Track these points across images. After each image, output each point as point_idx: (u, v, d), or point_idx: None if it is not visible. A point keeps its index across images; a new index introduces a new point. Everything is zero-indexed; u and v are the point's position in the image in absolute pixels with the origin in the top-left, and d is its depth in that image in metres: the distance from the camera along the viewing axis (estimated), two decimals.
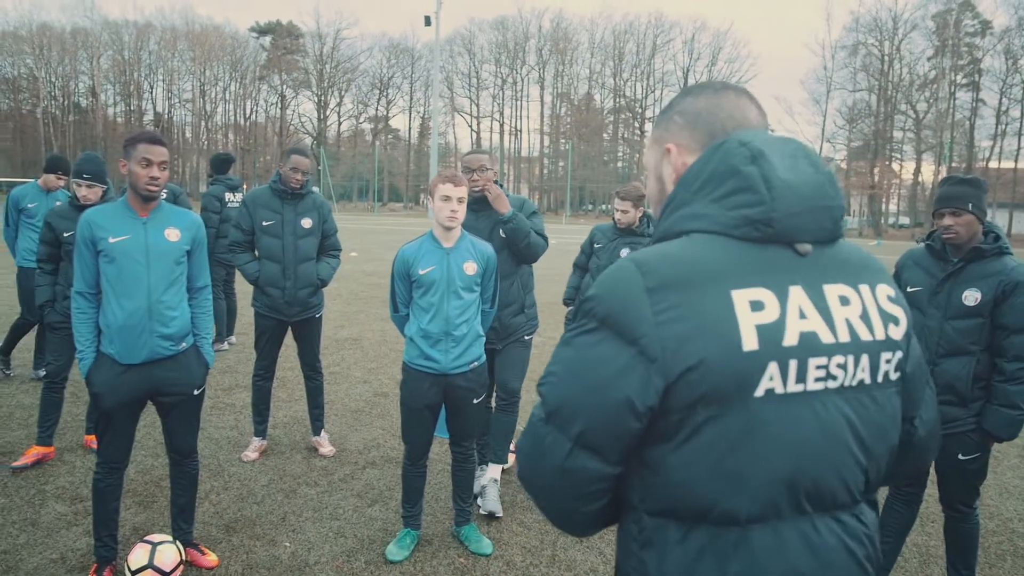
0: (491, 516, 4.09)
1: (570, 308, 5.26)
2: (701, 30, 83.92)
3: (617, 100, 69.69)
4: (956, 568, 3.27)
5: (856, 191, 57.92)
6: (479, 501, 4.20)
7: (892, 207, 61.04)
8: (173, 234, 3.20)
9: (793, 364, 1.09)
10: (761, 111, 1.30)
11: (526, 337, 4.33)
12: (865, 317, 1.17)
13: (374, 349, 8.16)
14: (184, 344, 3.26)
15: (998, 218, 45.71)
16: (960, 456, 3.07)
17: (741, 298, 1.09)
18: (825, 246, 1.18)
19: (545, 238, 4.22)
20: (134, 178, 3.07)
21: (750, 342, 1.07)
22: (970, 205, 2.95)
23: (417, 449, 3.67)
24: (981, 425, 3.01)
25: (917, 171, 56.88)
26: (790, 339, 1.09)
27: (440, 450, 4.86)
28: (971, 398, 3.01)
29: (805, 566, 1.11)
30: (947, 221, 3.00)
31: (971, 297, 2.98)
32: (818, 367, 1.11)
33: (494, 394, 4.37)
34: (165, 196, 7.07)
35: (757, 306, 1.09)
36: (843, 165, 57.75)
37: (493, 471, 4.28)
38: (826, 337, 1.12)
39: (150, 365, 3.16)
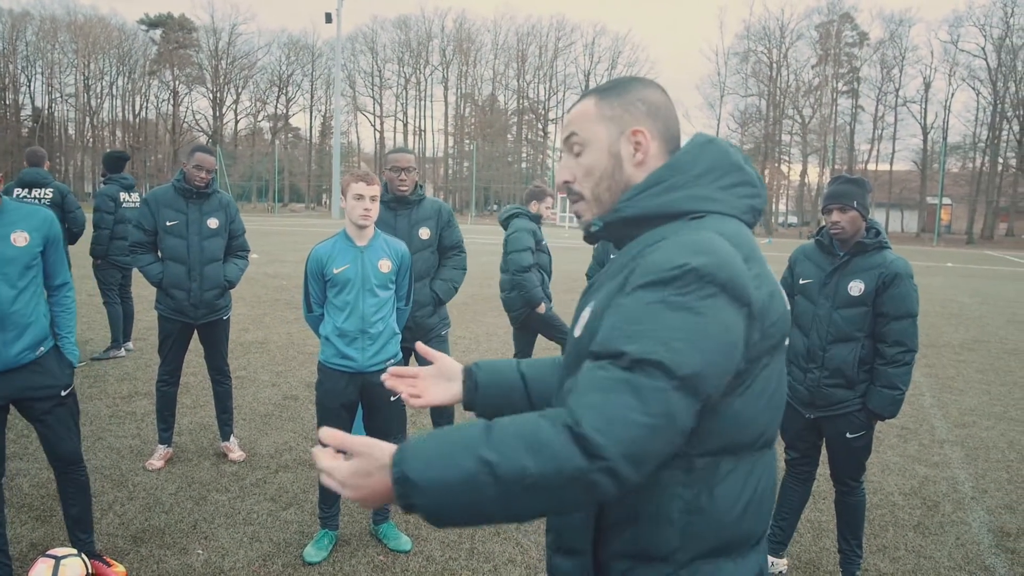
0: None
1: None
2: (601, 34, 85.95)
3: (521, 101, 70.30)
4: (846, 539, 3.52)
5: None
6: None
7: (781, 207, 64.13)
8: (21, 238, 3.00)
9: None
10: None
11: (443, 333, 4.39)
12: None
13: (281, 352, 8.00)
14: (43, 348, 3.10)
15: (876, 216, 48.72)
16: (848, 435, 3.32)
17: (770, 268, 1.32)
18: None
19: (462, 249, 4.50)
20: None
21: (786, 302, 1.32)
22: (855, 203, 3.20)
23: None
24: (866, 405, 3.27)
25: (804, 173, 59.92)
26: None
27: None
28: (857, 381, 3.27)
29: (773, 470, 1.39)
30: (835, 217, 3.24)
31: (856, 288, 3.23)
32: None
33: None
34: (52, 195, 6.76)
35: (775, 273, 1.35)
36: None
37: None
38: None
39: (7, 374, 3.00)
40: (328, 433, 1.17)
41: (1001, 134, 52.71)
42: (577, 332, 1.33)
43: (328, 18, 48.63)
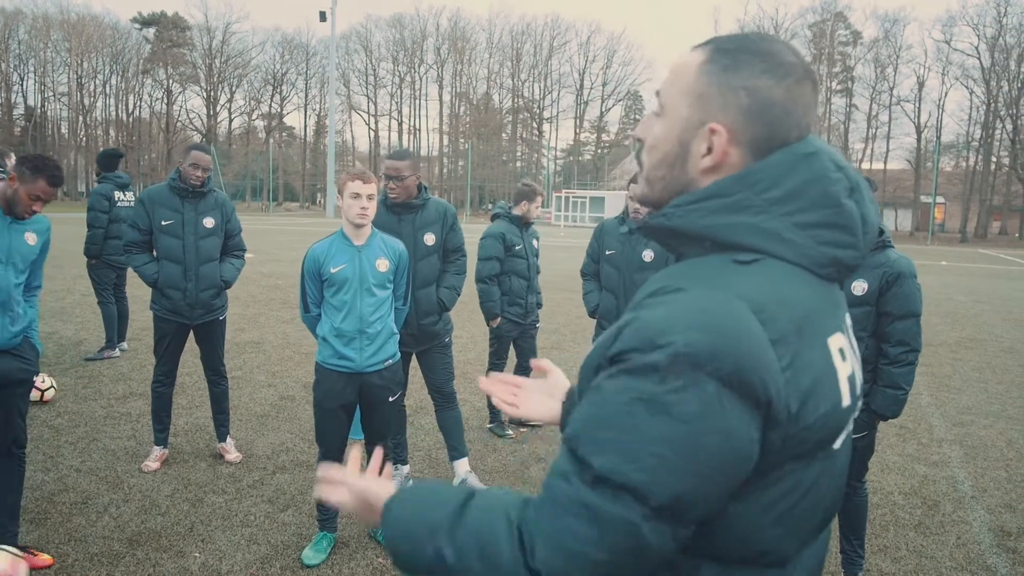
0: None
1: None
2: (596, 33, 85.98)
3: (515, 100, 70.27)
4: (848, 539, 3.50)
5: None
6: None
7: None
8: (32, 238, 3.31)
9: None
10: None
11: (446, 340, 4.37)
12: (853, 378, 1.05)
13: (276, 352, 7.95)
14: (23, 335, 3.36)
15: None
16: (851, 435, 3.30)
17: (834, 347, 1.00)
18: None
19: (464, 253, 4.44)
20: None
21: (846, 397, 1.00)
22: None
23: (332, 451, 3.62)
24: (869, 405, 3.25)
25: None
26: (855, 386, 1.06)
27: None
28: None
29: None
30: None
31: (859, 287, 3.21)
32: None
33: (404, 397, 4.37)
34: None
35: (842, 355, 1.01)
36: None
37: (463, 466, 4.39)
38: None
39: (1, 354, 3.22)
40: (326, 476, 1.21)
41: (994, 133, 52.91)
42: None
43: (322, 16, 48.51)
